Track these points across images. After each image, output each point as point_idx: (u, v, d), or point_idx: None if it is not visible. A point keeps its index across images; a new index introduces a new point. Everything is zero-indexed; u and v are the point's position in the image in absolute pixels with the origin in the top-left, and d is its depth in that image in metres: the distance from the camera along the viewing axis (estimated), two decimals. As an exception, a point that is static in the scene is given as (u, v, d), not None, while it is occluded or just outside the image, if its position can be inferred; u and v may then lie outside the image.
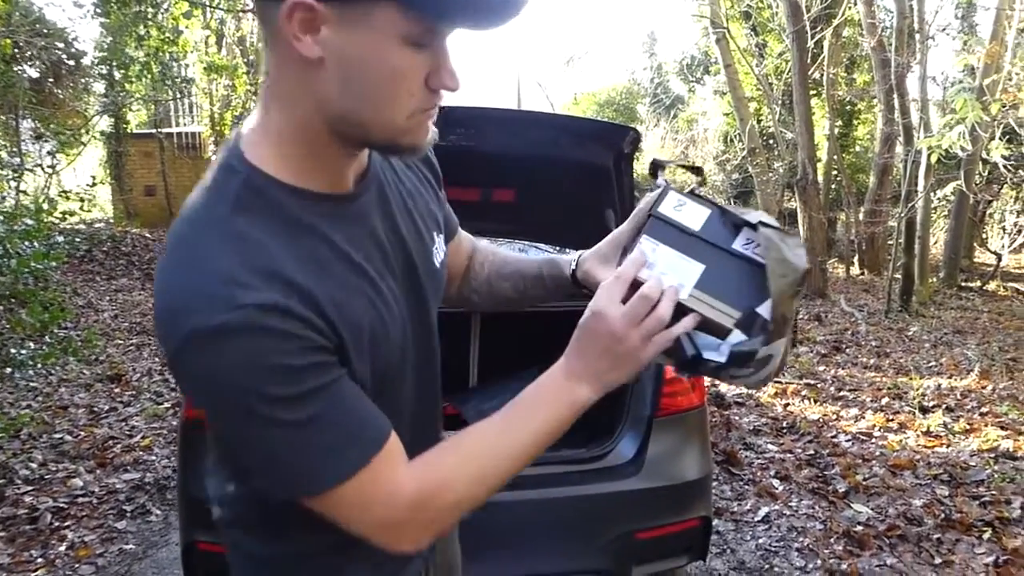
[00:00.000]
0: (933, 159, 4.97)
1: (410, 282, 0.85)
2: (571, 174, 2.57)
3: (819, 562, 2.92)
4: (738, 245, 0.87)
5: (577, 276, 1.02)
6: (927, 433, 4.29)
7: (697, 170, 1.04)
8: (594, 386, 0.81)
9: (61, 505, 3.29)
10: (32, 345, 5.68)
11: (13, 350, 3.97)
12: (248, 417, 0.65)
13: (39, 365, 4.20)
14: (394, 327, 0.80)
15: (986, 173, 9.44)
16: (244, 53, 13.59)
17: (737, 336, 0.83)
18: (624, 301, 0.80)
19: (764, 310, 0.83)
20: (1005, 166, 4.87)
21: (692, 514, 2.21)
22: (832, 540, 3.08)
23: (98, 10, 10.34)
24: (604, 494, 2.15)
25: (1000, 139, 4.58)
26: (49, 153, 9.22)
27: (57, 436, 4.11)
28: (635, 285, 0.81)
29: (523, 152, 2.46)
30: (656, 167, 1.04)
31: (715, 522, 3.17)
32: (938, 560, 2.91)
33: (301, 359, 0.66)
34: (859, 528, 3.14)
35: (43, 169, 9.04)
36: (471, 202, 2.73)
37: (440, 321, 0.93)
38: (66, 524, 3.14)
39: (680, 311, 0.82)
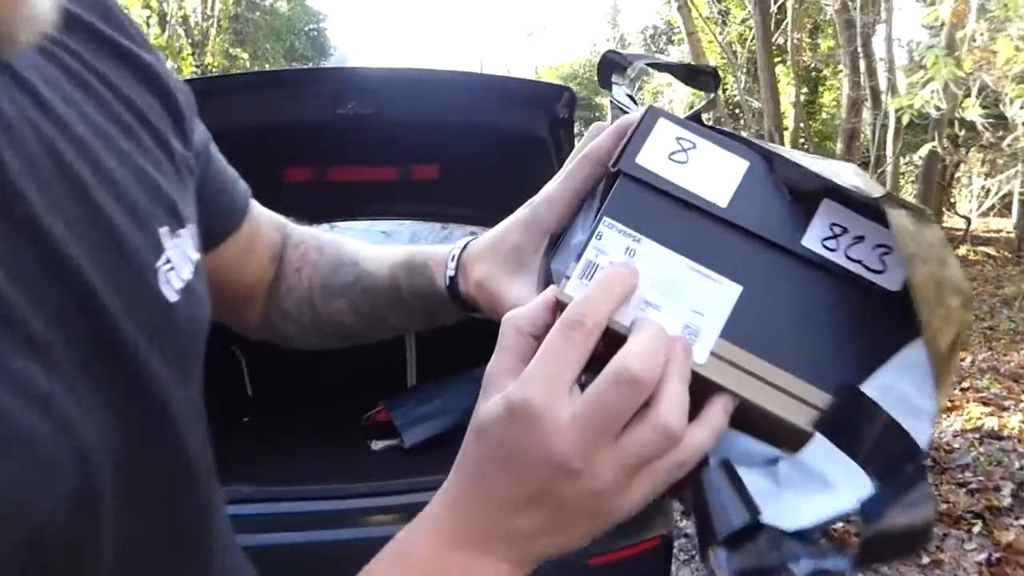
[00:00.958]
0: (904, 120, 4.69)
1: (96, 344, 0.35)
2: (501, 145, 2.22)
3: (797, 568, 2.64)
4: (814, 240, 0.41)
5: (460, 290, 0.56)
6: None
7: (708, 73, 0.52)
8: (513, 561, 0.39)
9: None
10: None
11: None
12: None
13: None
14: (38, 455, 0.30)
15: (958, 134, 9.22)
16: (188, 33, 13.02)
17: (823, 450, 0.39)
18: (579, 374, 0.37)
19: (880, 392, 0.38)
20: (983, 125, 4.60)
21: (650, 533, 1.93)
22: (810, 541, 2.80)
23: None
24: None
25: (977, 97, 4.29)
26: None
27: None
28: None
29: (443, 120, 2.10)
30: (610, 66, 0.55)
31: (681, 523, 2.89)
32: (926, 560, 2.65)
33: None
34: (838, 525, 2.87)
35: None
36: (389, 182, 2.37)
37: None
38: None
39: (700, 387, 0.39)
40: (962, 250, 10.49)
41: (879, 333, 0.39)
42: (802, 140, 12.40)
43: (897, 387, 0.38)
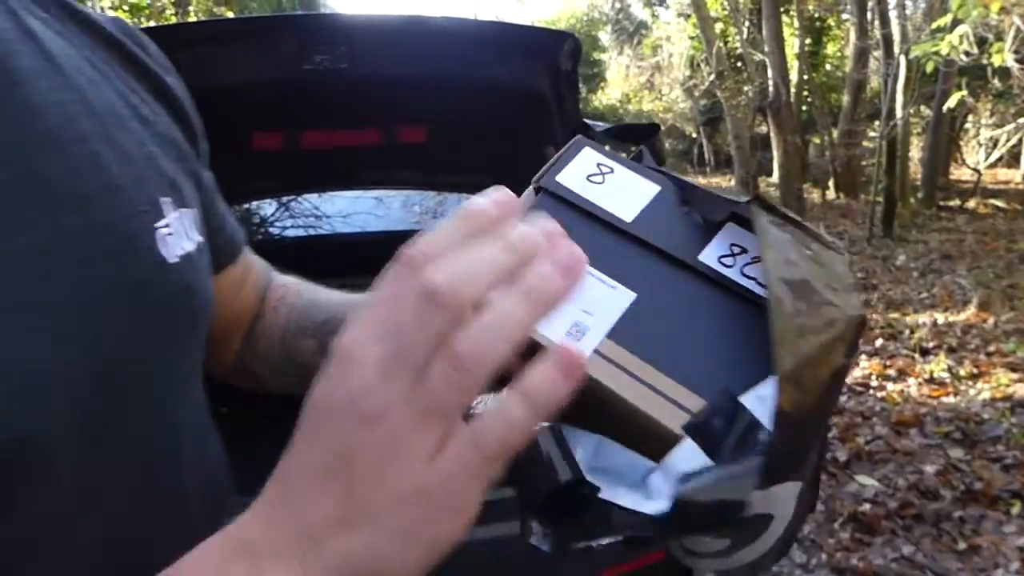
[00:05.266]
0: (929, 68, 4.39)
1: (80, 276, 0.38)
2: (496, 102, 1.96)
3: (823, 556, 2.45)
4: (711, 256, 0.43)
5: None
6: (930, 380, 3.83)
7: (648, 130, 0.60)
8: (305, 564, 0.28)
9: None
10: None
11: None
12: None
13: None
14: (19, 368, 0.34)
15: (980, 82, 8.87)
16: (171, -8, 12.57)
17: (690, 455, 0.36)
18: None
19: (758, 402, 0.36)
20: (1020, 72, 4.29)
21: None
22: (836, 526, 2.61)
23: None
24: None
25: (1013, 41, 3.98)
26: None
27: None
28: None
29: (429, 75, 1.84)
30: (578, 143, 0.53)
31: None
32: (962, 545, 2.46)
33: None
34: (867, 508, 2.68)
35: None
36: (371, 147, 2.11)
37: None
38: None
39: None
40: (971, 203, 10.22)
41: (766, 347, 0.37)
42: (806, 92, 12.04)
43: (759, 400, 0.37)
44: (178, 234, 0.46)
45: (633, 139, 0.56)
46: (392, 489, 0.28)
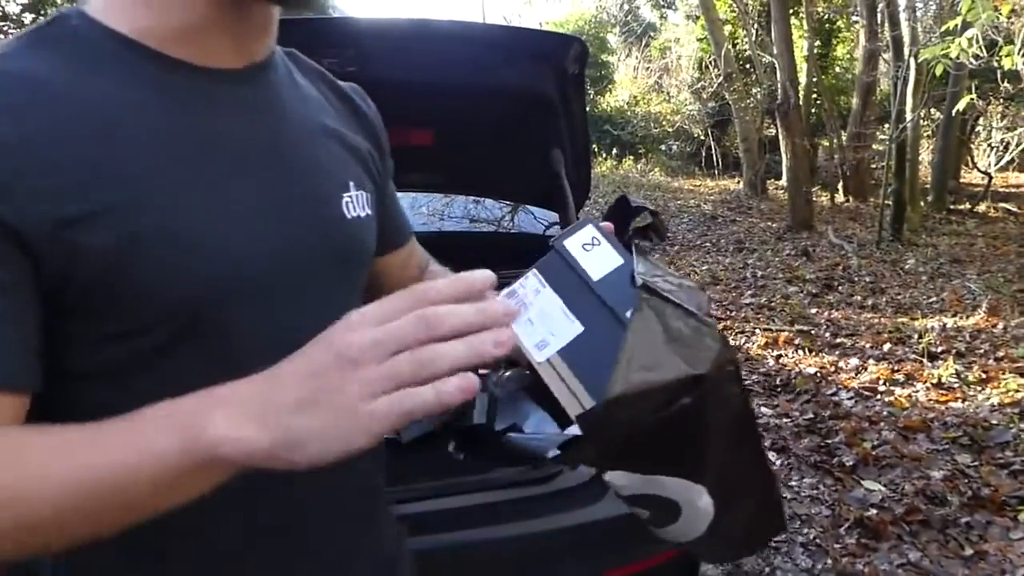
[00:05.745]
0: (938, 71, 4.36)
1: (290, 212, 0.66)
2: (503, 105, 1.97)
3: (829, 561, 2.44)
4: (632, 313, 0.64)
5: None
6: (938, 385, 3.81)
7: (648, 213, 0.78)
8: (255, 421, 0.45)
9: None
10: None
11: None
12: None
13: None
14: (239, 242, 0.61)
15: (977, 85, 8.79)
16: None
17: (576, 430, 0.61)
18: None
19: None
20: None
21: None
22: (842, 531, 2.60)
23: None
24: (558, 529, 1.63)
25: (1023, 44, 3.95)
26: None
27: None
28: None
29: (436, 79, 1.84)
30: (628, 210, 0.79)
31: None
32: (969, 551, 2.45)
33: None
34: (873, 513, 2.67)
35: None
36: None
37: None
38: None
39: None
40: (982, 207, 10.16)
41: None
42: (815, 95, 11.98)
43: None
44: (356, 204, 0.74)
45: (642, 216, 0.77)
46: (337, 408, 0.44)
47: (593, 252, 0.68)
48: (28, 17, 10.13)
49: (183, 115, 0.60)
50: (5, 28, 10.25)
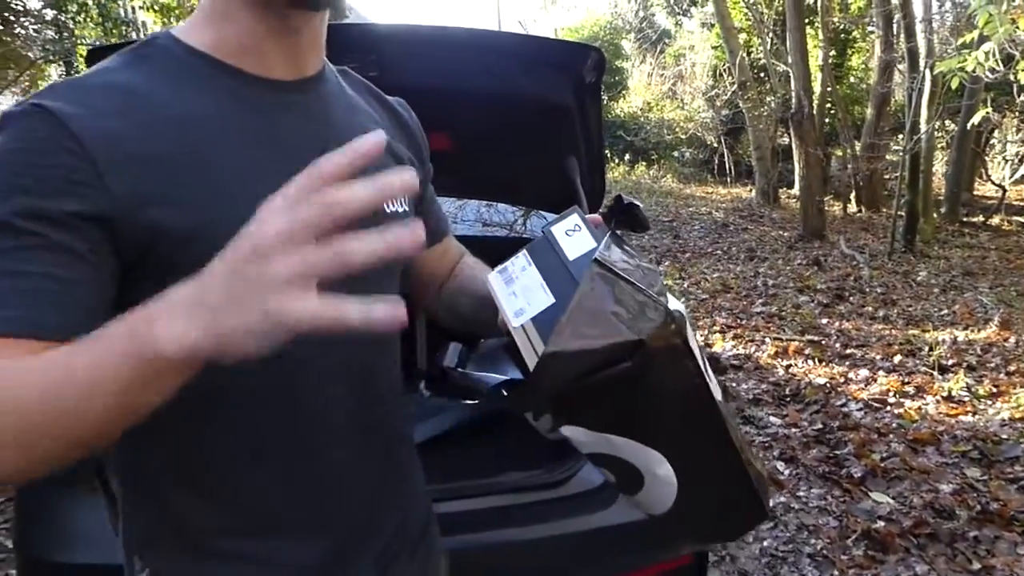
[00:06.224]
0: (954, 84, 4.35)
1: None
2: (520, 112, 1.98)
3: (836, 573, 2.44)
4: None
5: None
6: (948, 398, 3.80)
7: (629, 206, 0.89)
8: (190, 323, 0.49)
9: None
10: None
11: None
12: None
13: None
14: None
15: (992, 98, 8.75)
16: (199, -6, 12.67)
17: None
18: None
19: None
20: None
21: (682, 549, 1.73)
22: (850, 542, 2.60)
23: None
24: (570, 534, 1.64)
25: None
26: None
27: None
28: None
29: (454, 85, 1.86)
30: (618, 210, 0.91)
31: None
32: (976, 565, 2.44)
33: (33, 174, 0.60)
34: (881, 525, 2.67)
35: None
36: (396, 153, 2.14)
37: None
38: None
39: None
40: (995, 220, 10.10)
41: None
42: (829, 104, 11.95)
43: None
44: (396, 201, 0.82)
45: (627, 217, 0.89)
46: (255, 287, 0.46)
47: (574, 237, 0.78)
48: (49, 13, 10.24)
49: (247, 117, 0.72)
50: (26, 23, 10.38)
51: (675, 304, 0.71)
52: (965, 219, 10.15)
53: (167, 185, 0.65)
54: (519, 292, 0.76)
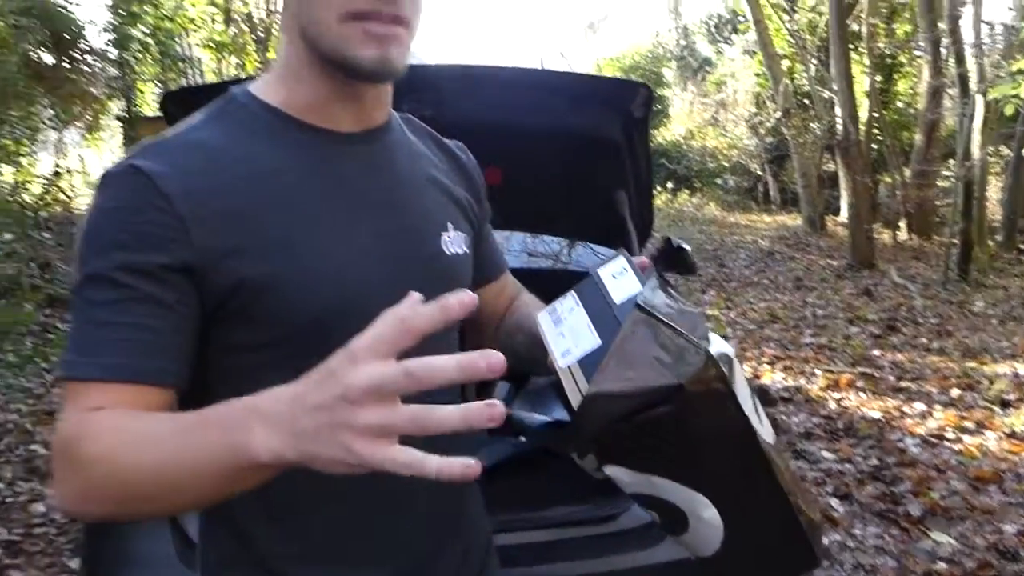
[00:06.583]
0: (1008, 111, 4.26)
1: (397, 249, 0.81)
2: (570, 147, 2.01)
3: (897, 617, 2.36)
4: None
5: None
6: (1011, 435, 3.67)
7: (677, 249, 1.00)
8: (283, 440, 0.53)
9: (15, 537, 2.85)
10: (30, 342, 5.28)
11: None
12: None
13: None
14: (355, 274, 0.77)
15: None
16: (253, 29, 13.10)
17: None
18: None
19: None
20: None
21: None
22: (910, 584, 2.52)
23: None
24: (617, 571, 1.62)
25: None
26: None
27: (32, 448, 3.67)
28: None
29: (507, 122, 1.90)
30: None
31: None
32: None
33: (129, 231, 0.67)
34: (943, 567, 2.57)
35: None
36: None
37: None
38: (15, 562, 2.70)
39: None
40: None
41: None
42: (876, 130, 11.77)
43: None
44: (454, 242, 0.88)
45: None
46: (335, 445, 0.50)
47: (620, 280, 0.80)
48: (113, 52, 10.70)
49: (316, 170, 0.77)
50: (92, 61, 10.89)
51: (720, 346, 0.71)
52: (1023, 247, 9.84)
53: (243, 237, 0.70)
54: (567, 333, 0.78)
